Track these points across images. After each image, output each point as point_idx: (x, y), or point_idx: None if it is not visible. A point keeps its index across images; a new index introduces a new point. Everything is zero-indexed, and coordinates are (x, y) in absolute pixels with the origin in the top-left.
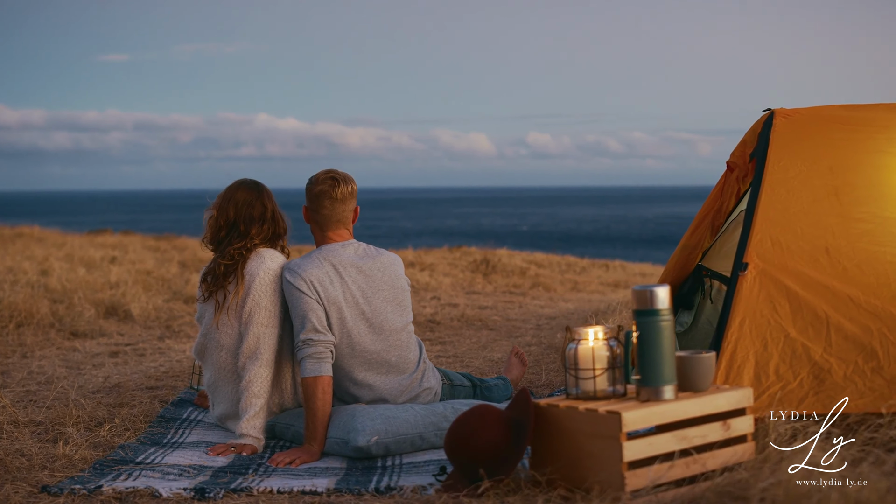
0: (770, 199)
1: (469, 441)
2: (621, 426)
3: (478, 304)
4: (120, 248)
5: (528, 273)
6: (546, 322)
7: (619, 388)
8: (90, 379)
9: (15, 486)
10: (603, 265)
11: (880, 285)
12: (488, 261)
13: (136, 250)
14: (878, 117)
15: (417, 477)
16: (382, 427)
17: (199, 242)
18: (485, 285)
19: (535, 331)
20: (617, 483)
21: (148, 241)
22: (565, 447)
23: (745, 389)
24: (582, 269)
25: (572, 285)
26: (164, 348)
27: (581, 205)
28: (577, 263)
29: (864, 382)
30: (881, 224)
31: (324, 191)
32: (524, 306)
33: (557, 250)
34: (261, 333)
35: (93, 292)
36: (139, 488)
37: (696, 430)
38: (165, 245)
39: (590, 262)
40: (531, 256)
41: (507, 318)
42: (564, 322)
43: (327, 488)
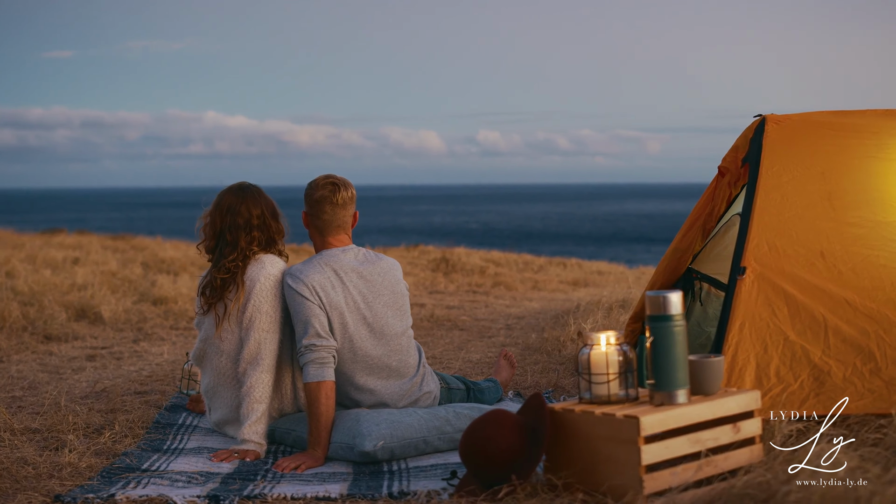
0: (765, 204)
1: (485, 446)
2: (640, 430)
3: (444, 303)
4: (79, 248)
5: (487, 272)
6: (515, 322)
7: (632, 392)
8: (74, 384)
9: (27, 496)
10: (560, 263)
11: (875, 288)
12: (447, 260)
13: (96, 251)
14: (867, 123)
15: (427, 481)
16: (388, 431)
17: (196, 248)
18: (447, 284)
19: (506, 331)
20: (635, 486)
21: (105, 241)
22: (581, 451)
23: (753, 392)
24: (540, 267)
25: (533, 284)
26: (140, 351)
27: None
28: (535, 262)
29: (863, 384)
30: (874, 228)
31: (324, 196)
32: (490, 306)
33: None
34: (262, 339)
35: (61, 294)
36: (152, 496)
37: (709, 432)
38: (123, 245)
39: (547, 261)
40: (489, 255)
41: (475, 318)
42: (534, 322)
43: (340, 493)
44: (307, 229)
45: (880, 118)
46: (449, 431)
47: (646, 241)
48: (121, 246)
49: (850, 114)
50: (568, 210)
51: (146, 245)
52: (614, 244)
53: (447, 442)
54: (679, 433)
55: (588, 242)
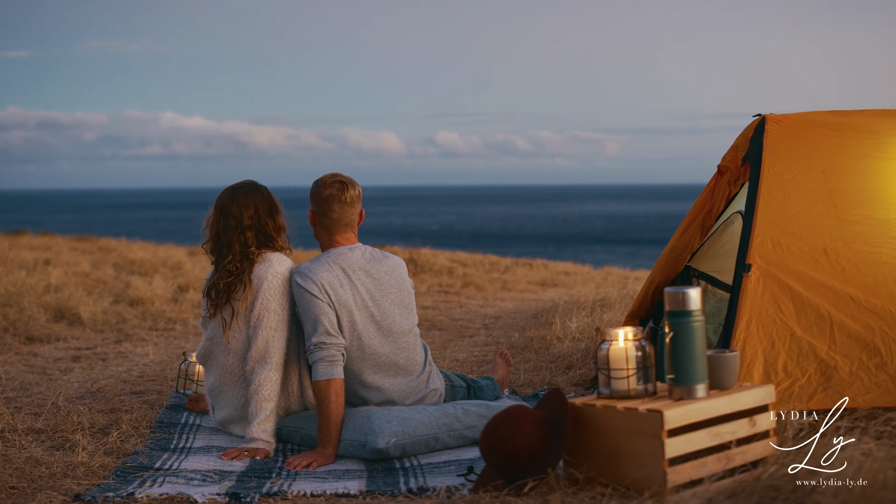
0: (768, 202)
1: (507, 442)
2: (663, 424)
3: (418, 304)
4: (47, 249)
5: (455, 272)
6: (492, 322)
7: (650, 387)
8: (65, 385)
9: (47, 495)
10: (526, 264)
11: (878, 284)
12: (415, 260)
13: (65, 252)
14: (864, 123)
15: (442, 477)
16: (399, 429)
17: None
18: (418, 285)
19: (485, 330)
20: (659, 479)
21: (71, 242)
22: (602, 445)
23: (768, 387)
24: (506, 268)
25: (502, 284)
26: (124, 352)
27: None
28: (501, 262)
29: (870, 378)
30: (874, 226)
31: (333, 195)
32: (464, 306)
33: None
34: (270, 337)
35: (38, 296)
36: (171, 494)
37: (727, 426)
38: (90, 246)
39: (513, 261)
40: (455, 256)
41: (451, 318)
42: (511, 321)
43: (360, 490)
44: (314, 227)
45: (877, 118)
46: (458, 428)
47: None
48: (88, 247)
49: (847, 114)
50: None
51: (113, 246)
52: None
53: (457, 439)
54: (699, 427)
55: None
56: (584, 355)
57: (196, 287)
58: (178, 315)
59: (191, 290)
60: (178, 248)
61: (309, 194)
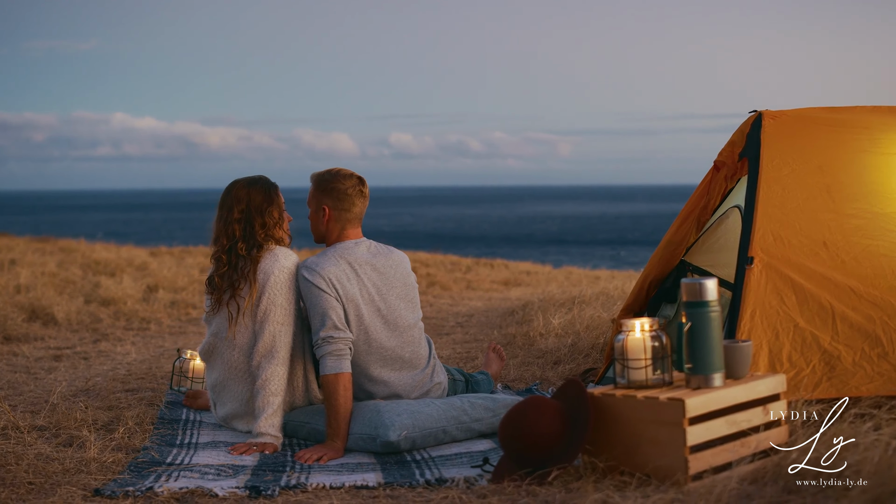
0: (768, 197)
1: (527, 432)
2: (685, 412)
3: None
4: (9, 250)
5: (419, 272)
6: (465, 320)
7: (667, 376)
8: (54, 383)
9: (67, 490)
10: (487, 264)
11: (877, 276)
12: None
13: (28, 252)
14: (858, 119)
15: (456, 469)
16: (410, 422)
17: None
18: None
19: (460, 329)
20: (680, 467)
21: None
22: (622, 434)
23: (780, 376)
24: (468, 267)
25: (466, 284)
26: (105, 352)
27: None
28: (462, 262)
29: (873, 367)
30: (872, 220)
31: (356, 188)
32: (433, 305)
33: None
34: (277, 332)
35: (10, 296)
36: (191, 488)
37: (743, 414)
38: (51, 247)
39: (474, 261)
40: (415, 255)
41: (424, 317)
42: (485, 319)
43: (378, 482)
44: (323, 223)
45: (869, 114)
46: (466, 421)
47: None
48: (49, 248)
49: (840, 110)
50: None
51: (74, 247)
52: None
53: (464, 431)
54: (717, 415)
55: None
56: (571, 351)
57: (165, 287)
58: (152, 315)
59: (160, 290)
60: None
61: (318, 189)
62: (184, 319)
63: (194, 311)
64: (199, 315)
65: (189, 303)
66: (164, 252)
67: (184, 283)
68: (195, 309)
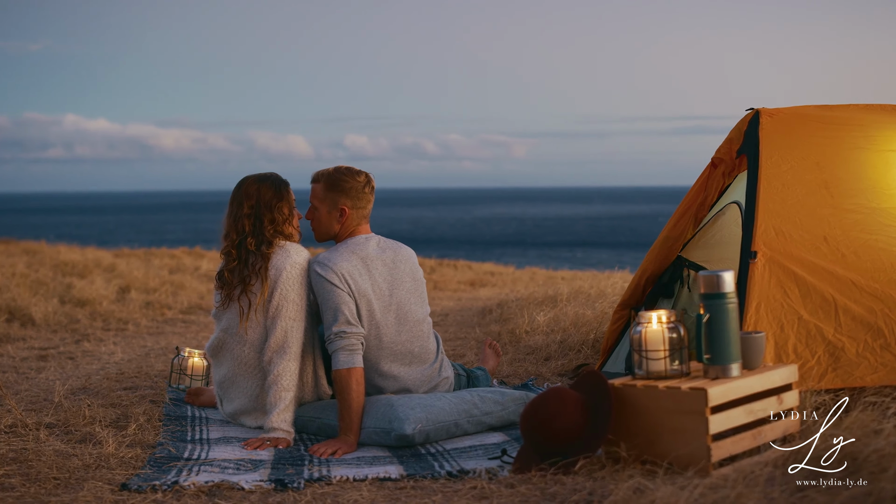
0: (768, 192)
1: (550, 423)
2: (707, 401)
3: None
4: None
5: None
6: (441, 319)
7: (685, 367)
8: (44, 382)
9: (94, 486)
10: (450, 265)
11: (876, 270)
12: None
13: None
14: (851, 117)
15: (473, 461)
16: (423, 415)
17: None
18: None
19: (438, 328)
20: (702, 455)
21: None
22: (643, 424)
23: (792, 366)
24: (432, 268)
25: (433, 284)
26: (90, 351)
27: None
28: (426, 263)
29: (876, 358)
30: (869, 214)
31: (368, 185)
32: None
33: None
34: (289, 327)
35: None
36: (216, 482)
37: (759, 403)
38: (14, 248)
39: (437, 262)
40: None
41: None
42: (461, 318)
43: (400, 474)
44: (343, 221)
45: (862, 112)
46: (476, 414)
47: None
48: (12, 249)
49: (834, 108)
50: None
51: (37, 249)
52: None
53: (475, 425)
54: (735, 405)
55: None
56: (561, 347)
57: (137, 288)
58: (128, 315)
59: (133, 290)
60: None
61: (331, 189)
62: (160, 320)
63: (169, 312)
64: (174, 316)
65: (164, 304)
66: (127, 253)
67: (155, 284)
68: (170, 310)
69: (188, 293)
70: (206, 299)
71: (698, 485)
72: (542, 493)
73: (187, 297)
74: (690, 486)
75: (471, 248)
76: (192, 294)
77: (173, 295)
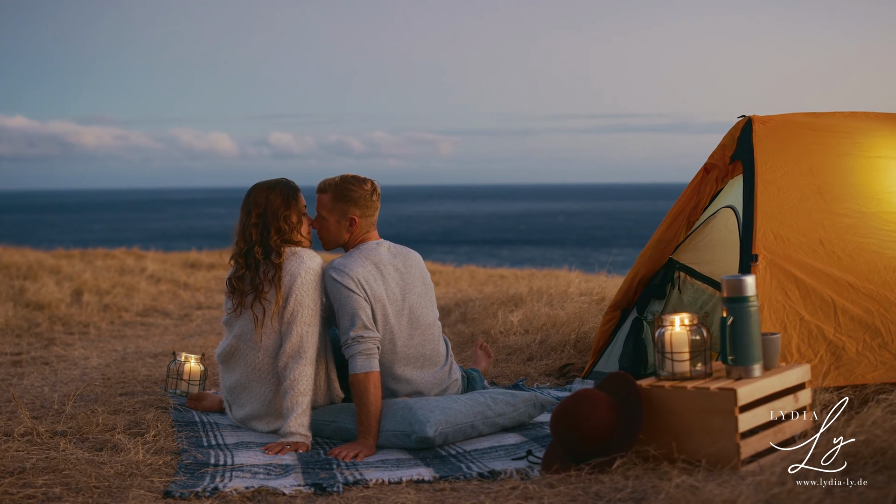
0: (765, 197)
1: (583, 424)
2: (736, 401)
3: None
4: None
5: None
6: None
7: (708, 368)
8: (32, 389)
9: (136, 493)
10: None
11: (871, 272)
12: None
13: None
14: (839, 124)
15: (497, 462)
16: (442, 418)
17: None
18: None
19: None
20: (732, 453)
21: None
22: (671, 424)
23: (805, 366)
24: None
25: None
26: (64, 356)
27: None
28: None
29: (875, 357)
30: (861, 219)
31: (375, 193)
32: None
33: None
34: (304, 332)
35: None
36: (256, 487)
37: (779, 402)
38: None
39: None
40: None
41: None
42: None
43: (433, 476)
44: (349, 230)
45: (849, 119)
46: (490, 416)
47: (448, 243)
48: None
49: (821, 115)
50: None
51: None
52: (416, 246)
53: (489, 426)
54: (759, 404)
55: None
56: (542, 347)
57: (89, 290)
58: (87, 319)
59: (86, 293)
60: (38, 251)
61: (339, 199)
62: (118, 323)
63: (126, 315)
64: (132, 318)
65: (120, 306)
66: (64, 254)
67: (107, 286)
68: (127, 312)
69: (141, 295)
70: (160, 301)
71: (749, 482)
72: (585, 492)
73: (141, 300)
74: (732, 482)
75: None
76: (144, 296)
77: (127, 297)
